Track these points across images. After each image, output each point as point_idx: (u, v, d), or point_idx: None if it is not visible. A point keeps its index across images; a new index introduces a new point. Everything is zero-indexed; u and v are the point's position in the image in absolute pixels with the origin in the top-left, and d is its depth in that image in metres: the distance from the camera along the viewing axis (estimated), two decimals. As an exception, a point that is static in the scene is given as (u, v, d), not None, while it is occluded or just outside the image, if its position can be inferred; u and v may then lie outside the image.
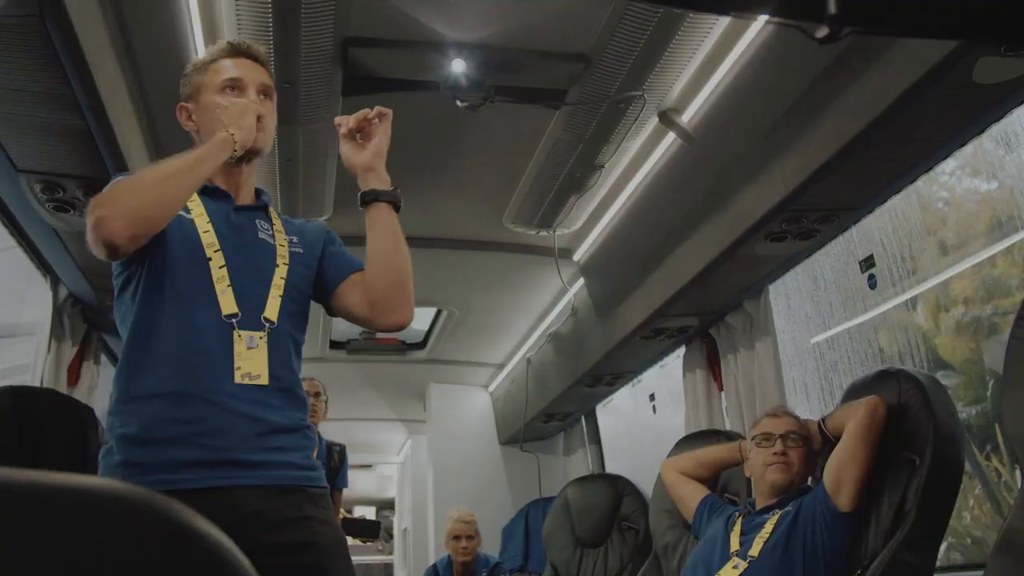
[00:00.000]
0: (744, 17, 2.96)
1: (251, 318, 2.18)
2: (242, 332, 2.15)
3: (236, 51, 2.36)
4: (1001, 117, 3.17)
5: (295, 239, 2.38)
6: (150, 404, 2.07)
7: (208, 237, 2.21)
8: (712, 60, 3.47)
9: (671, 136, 3.92)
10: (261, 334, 2.18)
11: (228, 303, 2.16)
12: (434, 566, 6.67)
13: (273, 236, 2.34)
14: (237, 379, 2.10)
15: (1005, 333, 2.62)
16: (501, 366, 7.76)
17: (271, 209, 2.42)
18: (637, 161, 4.26)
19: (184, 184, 2.09)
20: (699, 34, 3.32)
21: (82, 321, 4.74)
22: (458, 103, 3.62)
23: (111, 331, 4.99)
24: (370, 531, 6.57)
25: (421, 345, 7.61)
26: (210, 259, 2.19)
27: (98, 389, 5.02)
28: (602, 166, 4.19)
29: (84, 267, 4.13)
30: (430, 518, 8.04)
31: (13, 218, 3.81)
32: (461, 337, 7.10)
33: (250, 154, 2.32)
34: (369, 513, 14.22)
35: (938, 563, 4.25)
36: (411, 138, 4.18)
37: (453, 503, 6.77)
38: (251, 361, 2.13)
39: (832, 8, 0.97)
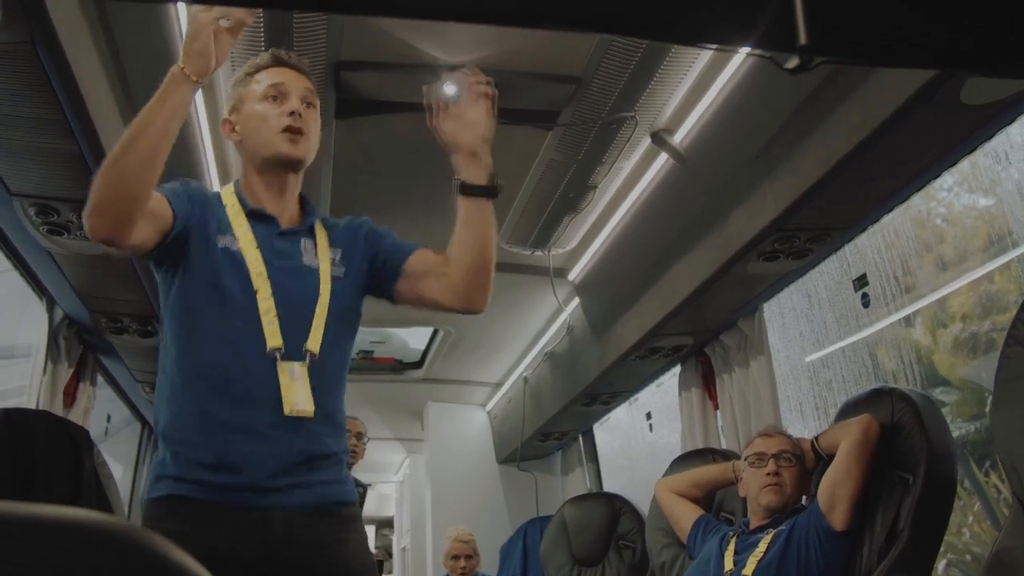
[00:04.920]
0: (717, 49, 2.98)
1: (294, 348, 2.18)
2: (285, 364, 2.15)
3: (278, 61, 2.37)
4: (991, 136, 3.19)
5: (338, 257, 2.36)
6: (203, 435, 2.12)
7: (256, 266, 2.21)
8: (703, 81, 3.49)
9: (663, 156, 3.93)
10: (302, 364, 2.18)
11: (274, 336, 2.16)
12: (432, 585, 6.67)
13: (317, 257, 2.32)
14: (286, 411, 2.12)
15: (1002, 350, 2.62)
16: (498, 385, 7.76)
17: (317, 223, 2.40)
18: (630, 181, 4.27)
19: (148, 147, 1.97)
20: (690, 55, 3.34)
21: (78, 343, 4.74)
22: (450, 125, 3.63)
23: (107, 353, 5.00)
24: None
25: (418, 364, 7.61)
26: (257, 290, 2.19)
27: (94, 411, 5.02)
28: (595, 186, 4.20)
29: (80, 289, 4.14)
30: (428, 537, 8.02)
31: (8, 241, 3.82)
32: (458, 356, 7.10)
33: (294, 164, 2.33)
34: (368, 532, 14.18)
35: (938, 580, 4.25)
36: (404, 160, 4.20)
37: (451, 522, 6.76)
38: (297, 393, 2.14)
39: (803, 39, 0.98)
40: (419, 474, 9.26)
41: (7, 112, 2.79)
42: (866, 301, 4.20)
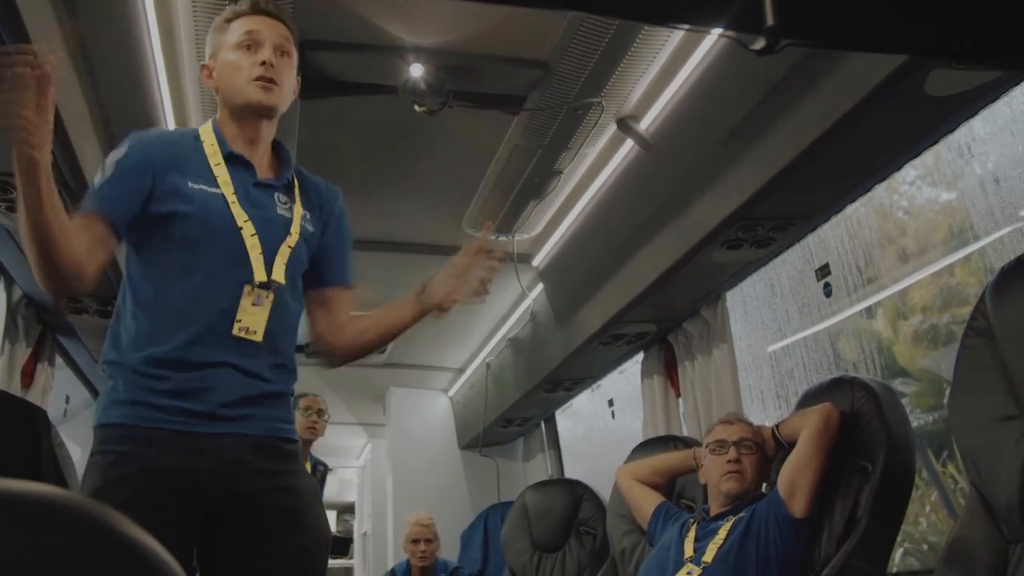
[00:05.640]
0: (687, 29, 2.98)
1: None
2: (258, 290, 2.24)
3: (256, 8, 2.37)
4: (954, 129, 3.21)
5: (308, 215, 2.43)
6: (164, 365, 2.18)
7: (237, 207, 2.27)
8: (670, 67, 3.49)
9: (629, 143, 3.93)
10: (268, 293, 2.26)
11: (260, 270, 2.26)
12: (392, 570, 6.65)
13: (291, 210, 2.38)
14: (235, 331, 2.22)
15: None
16: (461, 371, 7.75)
17: (295, 178, 2.45)
18: (595, 167, 4.28)
19: (39, 231, 1.99)
20: (657, 42, 3.34)
21: (36, 323, 4.70)
22: (416, 108, 3.62)
23: (66, 333, 4.95)
24: (341, 548, 6.54)
25: (381, 349, 7.57)
26: (241, 228, 2.26)
27: (52, 391, 4.97)
28: (561, 172, 4.20)
29: (38, 268, 4.09)
30: (389, 522, 8.01)
31: (-31, 213, 3.77)
32: (421, 341, 7.07)
33: (267, 112, 2.35)
34: (330, 517, 14.15)
35: (894, 568, 4.28)
36: (369, 142, 4.18)
37: (413, 507, 6.75)
38: (252, 317, 2.24)
39: (770, 20, 0.98)
40: (381, 459, 9.25)
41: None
42: (828, 291, 4.22)
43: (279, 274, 2.29)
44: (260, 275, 2.24)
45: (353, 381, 7.88)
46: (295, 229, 2.35)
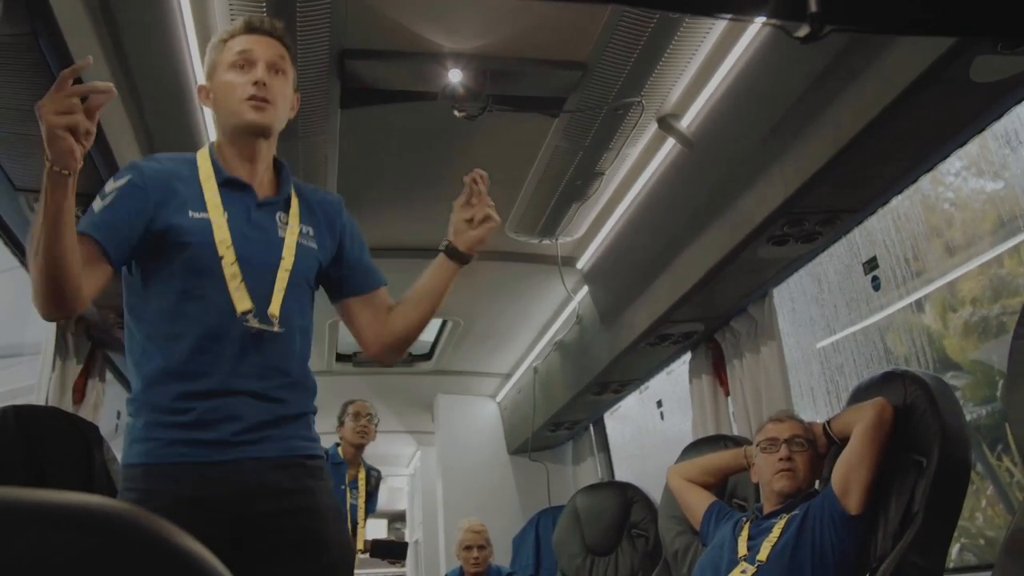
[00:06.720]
0: (730, 19, 2.96)
1: (260, 312, 2.24)
2: (256, 323, 2.22)
3: (250, 28, 2.37)
4: (1001, 115, 3.16)
5: (310, 230, 2.41)
6: (176, 398, 2.19)
7: (221, 233, 2.25)
8: (710, 64, 3.47)
9: (671, 142, 3.92)
10: (269, 327, 2.25)
11: (242, 300, 2.22)
12: (446, 577, 6.68)
13: (287, 231, 2.37)
14: (247, 366, 2.22)
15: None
16: (508, 376, 7.76)
17: (292, 194, 2.44)
18: (637, 167, 4.26)
19: (52, 243, 1.96)
20: (696, 38, 3.32)
21: (86, 339, 4.73)
22: (456, 113, 3.62)
23: (115, 348, 4.99)
24: (399, 552, 6.58)
25: (428, 356, 7.60)
26: (222, 257, 2.23)
27: (103, 407, 5.01)
28: (602, 173, 4.19)
29: (87, 285, 4.13)
30: (440, 529, 8.03)
31: (14, 237, 3.81)
32: (467, 347, 7.09)
33: (262, 131, 2.34)
34: (380, 526, 14.20)
35: (951, 564, 4.23)
36: (409, 149, 4.19)
37: (463, 514, 6.76)
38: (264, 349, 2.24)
39: (813, 6, 0.96)
40: (430, 467, 9.27)
41: (9, 105, 2.78)
42: (876, 284, 4.17)
43: (278, 301, 2.27)
44: (243, 304, 2.22)
45: (401, 389, 7.92)
46: (288, 252, 2.33)
